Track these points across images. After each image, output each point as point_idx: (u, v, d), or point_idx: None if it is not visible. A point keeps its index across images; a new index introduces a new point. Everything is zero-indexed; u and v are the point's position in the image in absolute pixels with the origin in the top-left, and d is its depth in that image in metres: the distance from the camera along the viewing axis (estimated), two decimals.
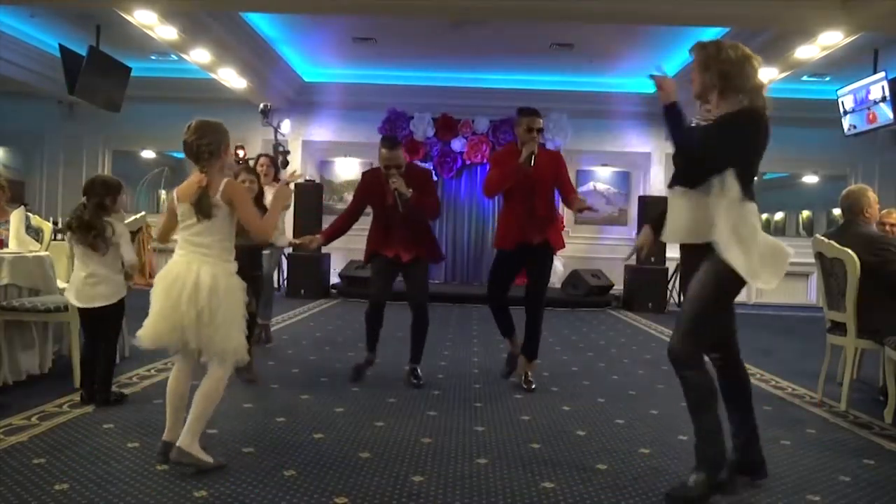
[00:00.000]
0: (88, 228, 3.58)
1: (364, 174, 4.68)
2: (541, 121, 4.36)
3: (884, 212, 4.70)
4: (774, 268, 2.62)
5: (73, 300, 3.70)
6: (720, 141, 2.58)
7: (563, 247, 4.59)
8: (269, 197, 4.97)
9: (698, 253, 2.68)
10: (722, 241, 2.56)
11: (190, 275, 2.73)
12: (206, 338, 2.74)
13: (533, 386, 4.43)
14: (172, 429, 2.85)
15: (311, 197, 9.52)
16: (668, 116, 2.62)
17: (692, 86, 2.75)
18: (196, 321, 2.71)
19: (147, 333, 2.78)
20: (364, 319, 4.61)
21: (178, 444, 2.72)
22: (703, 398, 2.64)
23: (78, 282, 3.65)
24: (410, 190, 4.22)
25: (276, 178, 5.63)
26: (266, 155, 5.78)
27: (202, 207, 2.75)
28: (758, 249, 2.58)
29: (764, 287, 2.65)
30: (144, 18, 6.75)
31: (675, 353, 2.67)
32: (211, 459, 2.77)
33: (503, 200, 4.55)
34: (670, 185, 2.77)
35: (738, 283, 2.61)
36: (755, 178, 2.68)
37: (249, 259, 4.07)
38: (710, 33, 7.90)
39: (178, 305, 2.71)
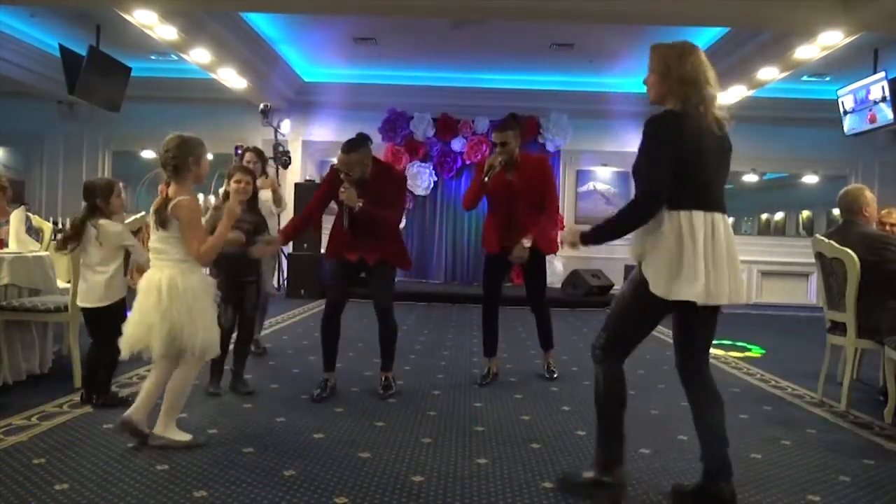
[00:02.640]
0: (71, 229, 3.68)
1: (332, 166, 4.28)
2: (506, 133, 4.31)
3: (884, 211, 4.71)
4: (683, 278, 2.42)
5: (77, 299, 3.75)
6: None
7: (554, 250, 4.56)
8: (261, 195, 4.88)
9: None
10: (636, 251, 2.54)
11: (153, 282, 3.00)
12: (173, 337, 2.94)
13: (555, 375, 4.75)
14: (136, 411, 3.04)
15: (311, 196, 9.48)
16: (600, 239, 2.61)
17: (649, 91, 2.64)
18: (161, 323, 2.92)
19: (123, 340, 2.99)
20: (320, 332, 4.13)
21: (154, 430, 3.03)
22: (597, 398, 2.65)
23: (81, 281, 3.70)
24: (361, 201, 3.90)
25: (263, 173, 5.41)
26: (253, 149, 5.37)
27: (158, 217, 3.04)
28: (665, 258, 2.43)
29: (681, 297, 2.42)
30: (144, 18, 6.74)
31: (592, 348, 2.69)
32: (186, 437, 3.05)
33: (487, 207, 4.63)
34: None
35: (648, 294, 2.47)
36: (695, 185, 2.46)
37: (236, 266, 4.00)
38: (710, 33, 7.93)
39: (148, 312, 2.95)
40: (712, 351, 2.75)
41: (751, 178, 11.51)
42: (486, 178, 4.31)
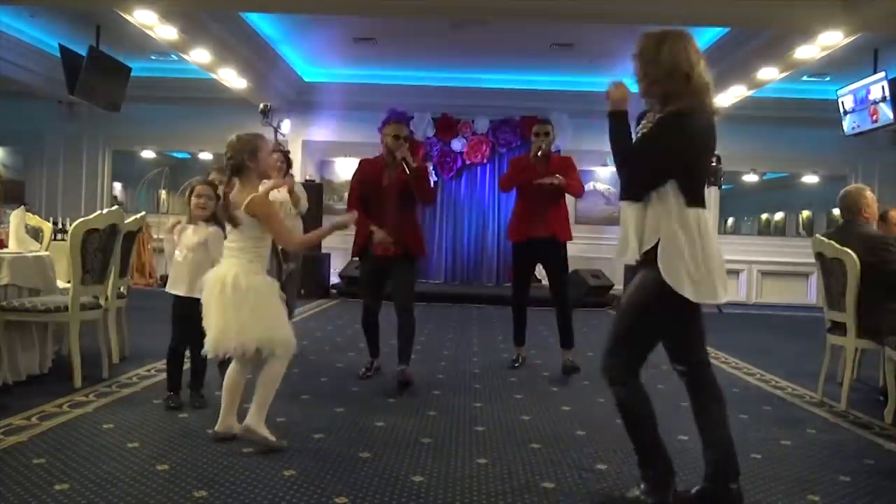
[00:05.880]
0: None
1: (362, 162, 4.66)
2: (547, 125, 4.98)
3: (893, 212, 4.73)
4: (719, 280, 2.42)
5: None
6: (647, 149, 2.47)
7: (570, 237, 4.94)
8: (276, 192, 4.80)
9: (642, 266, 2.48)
10: (660, 255, 2.38)
11: (219, 276, 3.02)
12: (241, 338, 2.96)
13: (577, 368, 4.85)
14: (224, 420, 3.15)
15: (311, 197, 9.50)
16: (611, 123, 2.60)
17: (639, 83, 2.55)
18: (220, 319, 2.98)
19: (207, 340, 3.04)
20: (362, 330, 4.67)
21: (245, 423, 3.02)
22: (628, 417, 2.60)
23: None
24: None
25: (287, 173, 5.37)
26: (280, 150, 5.43)
27: (230, 218, 3.05)
28: (698, 259, 2.36)
29: (708, 301, 2.39)
30: (144, 18, 6.74)
31: (603, 370, 2.61)
32: (275, 439, 3.04)
33: (515, 197, 5.07)
34: (621, 198, 2.59)
35: (669, 296, 2.37)
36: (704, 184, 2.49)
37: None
38: (710, 33, 7.92)
39: (213, 307, 3.01)
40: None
41: (751, 178, 11.51)
42: (533, 158, 4.85)
